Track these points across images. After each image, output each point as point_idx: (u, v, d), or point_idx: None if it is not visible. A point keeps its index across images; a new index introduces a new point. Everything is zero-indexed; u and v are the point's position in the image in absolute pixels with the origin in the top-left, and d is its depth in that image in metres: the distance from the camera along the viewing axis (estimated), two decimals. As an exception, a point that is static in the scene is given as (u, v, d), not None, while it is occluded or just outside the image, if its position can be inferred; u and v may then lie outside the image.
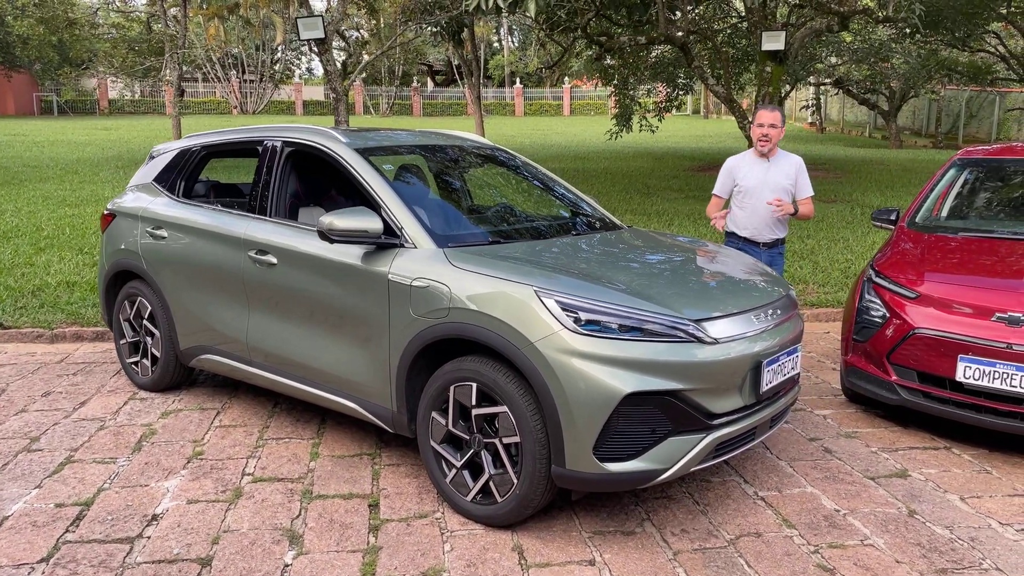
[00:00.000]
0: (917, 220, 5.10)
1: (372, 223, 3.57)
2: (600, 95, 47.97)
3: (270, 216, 4.25)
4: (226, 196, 5.14)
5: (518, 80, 54.06)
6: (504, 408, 3.21)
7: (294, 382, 4.12)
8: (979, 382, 4.00)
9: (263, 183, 4.34)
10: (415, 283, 3.47)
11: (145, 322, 4.97)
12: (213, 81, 50.15)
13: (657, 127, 20.40)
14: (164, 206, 4.85)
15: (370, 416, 3.79)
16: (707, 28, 13.76)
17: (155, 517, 3.44)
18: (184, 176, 4.94)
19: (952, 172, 5.44)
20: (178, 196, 4.88)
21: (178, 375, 4.95)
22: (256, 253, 4.15)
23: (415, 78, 55.20)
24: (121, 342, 5.21)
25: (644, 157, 22.25)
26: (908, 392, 4.32)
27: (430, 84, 59.53)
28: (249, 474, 3.87)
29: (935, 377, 4.19)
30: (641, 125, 19.85)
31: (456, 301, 3.32)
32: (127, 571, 3.02)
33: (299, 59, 59.50)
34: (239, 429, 4.44)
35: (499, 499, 3.30)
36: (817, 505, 3.62)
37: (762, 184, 4.93)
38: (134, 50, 23.23)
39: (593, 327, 3.08)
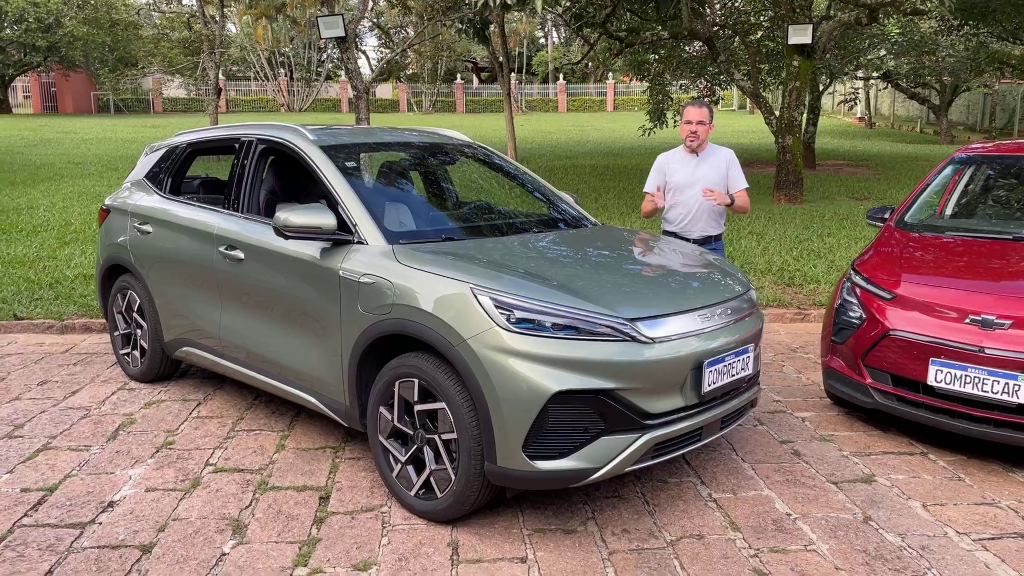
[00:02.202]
0: (906, 219, 4.96)
1: (326, 219, 3.62)
2: (644, 91, 47.56)
3: (242, 212, 4.34)
4: (214, 192, 5.25)
5: (561, 76, 53.87)
6: (443, 404, 3.23)
7: (261, 376, 4.20)
8: (950, 386, 3.88)
9: (237, 179, 4.43)
10: (363, 279, 3.51)
11: (135, 315, 5.12)
12: (262, 80, 51.13)
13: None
14: (150, 202, 4.98)
15: (326, 410, 3.85)
16: (734, 22, 13.53)
17: (111, 504, 3.55)
18: (171, 173, 5.06)
19: (949, 169, 5.28)
20: (165, 192, 5.01)
21: (165, 367, 5.08)
22: (226, 248, 4.24)
23: (459, 75, 55.43)
24: (115, 334, 5.37)
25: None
26: (882, 396, 4.21)
27: (475, 81, 59.74)
28: (212, 464, 3.96)
29: (909, 381, 4.08)
30: (675, 121, 19.60)
31: (398, 298, 3.35)
32: (71, 555, 3.13)
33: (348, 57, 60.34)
34: (214, 420, 4.54)
35: (439, 495, 3.32)
36: (769, 509, 3.56)
37: (691, 180, 4.88)
38: (185, 48, 23.78)
39: (526, 325, 3.08)
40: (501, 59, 18.82)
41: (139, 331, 5.10)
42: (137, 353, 5.16)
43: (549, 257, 3.70)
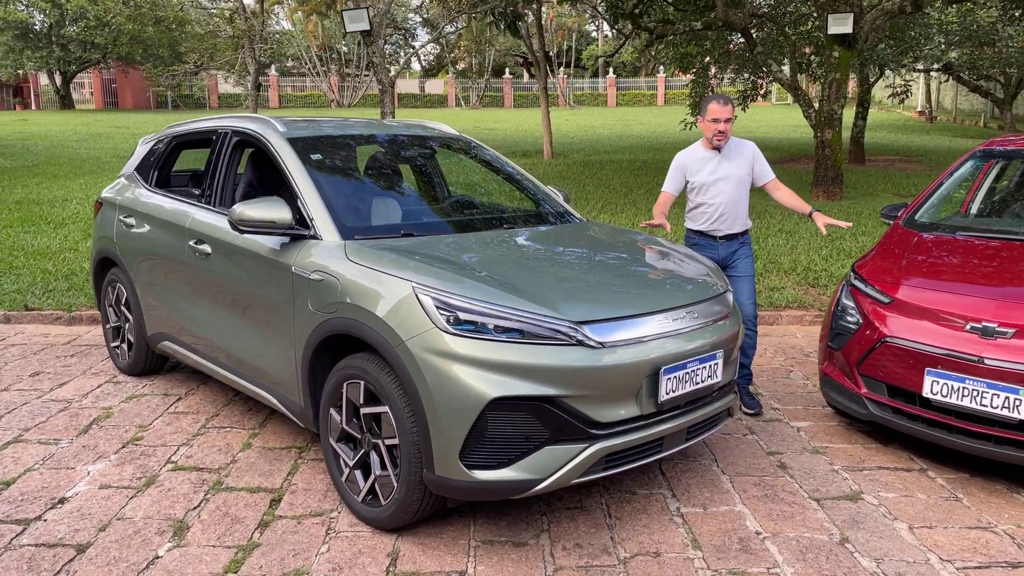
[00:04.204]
0: (916, 217, 4.62)
1: (281, 213, 3.51)
2: (687, 84, 46.75)
3: (216, 206, 4.26)
4: (198, 186, 5.21)
5: (611, 70, 53.29)
6: (386, 408, 3.09)
7: (228, 372, 4.13)
8: (947, 399, 3.58)
9: (211, 173, 4.37)
10: (312, 276, 3.39)
11: (122, 308, 5.11)
12: (315, 76, 51.77)
13: (735, 116, 19.57)
14: (135, 195, 4.96)
15: (284, 410, 3.75)
16: (772, 11, 13.07)
17: (62, 500, 3.50)
18: (157, 166, 5.03)
19: (970, 164, 4.92)
20: (152, 185, 4.98)
21: (152, 360, 5.06)
22: (195, 242, 4.17)
23: (508, 70, 55.29)
24: (107, 327, 5.38)
25: (724, 148, 21.43)
26: (877, 407, 3.92)
27: (525, 76, 59.50)
28: (172, 462, 3.90)
29: (905, 392, 3.79)
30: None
31: (344, 296, 3.22)
32: (6, 553, 3.08)
33: (399, 52, 60.78)
34: (188, 416, 4.49)
35: (383, 502, 3.18)
36: (738, 526, 3.33)
37: (714, 177, 4.55)
38: (230, 43, 24.16)
39: (467, 327, 2.91)
40: (538, 53, 18.63)
41: (126, 324, 5.09)
42: (125, 346, 5.16)
43: (508, 256, 3.52)
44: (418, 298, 2.98)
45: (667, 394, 3.09)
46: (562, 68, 55.10)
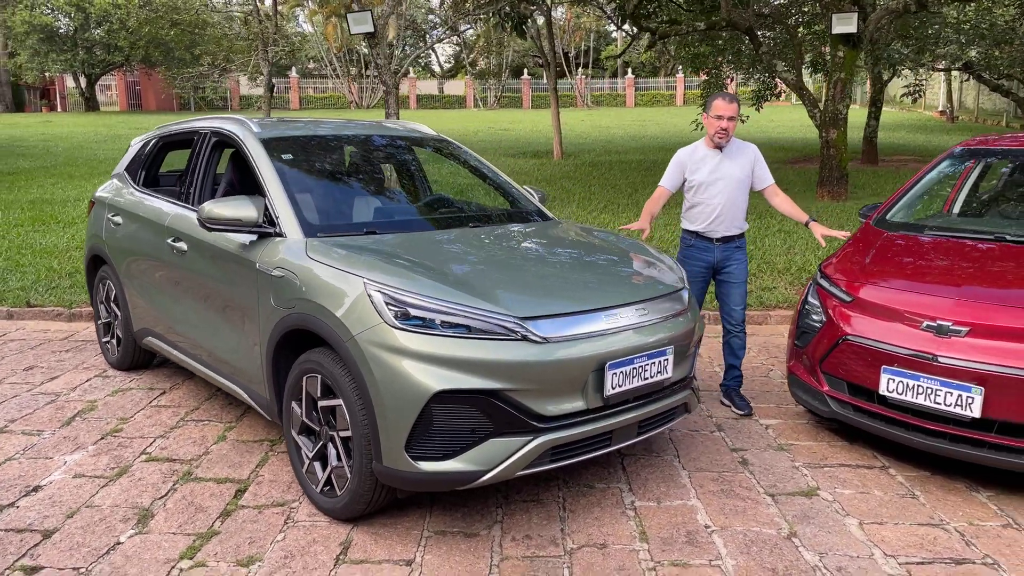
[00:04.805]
0: (888, 217, 4.63)
1: (247, 212, 3.61)
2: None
3: (194, 205, 4.38)
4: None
5: (630, 70, 53.18)
6: (340, 401, 3.17)
7: (203, 367, 4.25)
8: (903, 397, 3.60)
9: (191, 172, 4.49)
10: (274, 272, 3.49)
11: (112, 304, 5.25)
12: (334, 77, 52.19)
13: (747, 117, 19.50)
14: (123, 194, 5.10)
15: (253, 403, 3.85)
16: (776, 11, 13.02)
17: (36, 488, 3.63)
18: (144, 166, 5.17)
19: (946, 164, 4.92)
20: (139, 185, 5.11)
21: (140, 356, 5.20)
22: (173, 240, 4.29)
23: (526, 71, 55.33)
24: (98, 322, 5.53)
25: (736, 149, 21.36)
26: (839, 405, 3.95)
27: (544, 76, 59.52)
28: (147, 453, 4.01)
29: (865, 389, 3.81)
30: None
31: (301, 292, 3.32)
32: (-23, 537, 3.21)
33: (423, 54, 61.12)
34: (169, 410, 4.61)
35: (338, 492, 3.27)
36: (688, 520, 3.38)
37: (715, 177, 4.55)
38: (251, 45, 24.45)
39: (415, 322, 2.99)
40: (548, 54, 18.69)
41: (115, 321, 5.23)
42: (115, 342, 5.29)
43: (465, 253, 3.59)
44: (368, 294, 3.06)
45: (613, 389, 3.15)
46: (580, 69, 55.07)
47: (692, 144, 4.72)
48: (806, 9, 14.81)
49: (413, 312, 3.00)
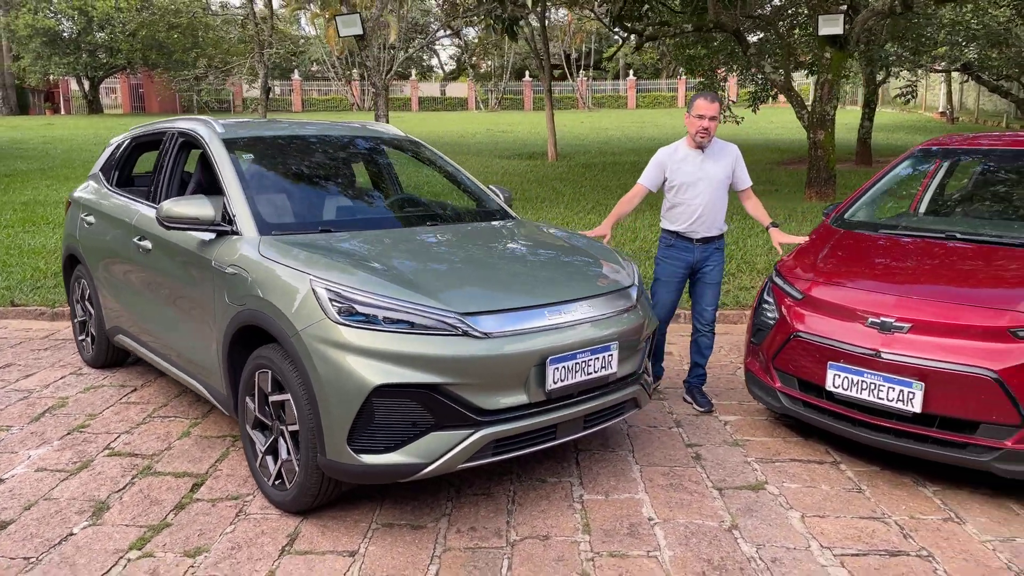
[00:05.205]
0: (845, 216, 4.68)
1: (204, 210, 3.68)
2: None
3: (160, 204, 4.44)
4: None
5: (632, 72, 53.22)
6: (288, 396, 3.24)
7: (167, 363, 4.32)
8: (848, 392, 3.65)
9: (158, 172, 4.56)
10: (228, 270, 3.56)
11: (86, 303, 5.33)
12: (336, 80, 52.34)
13: (742, 118, 19.57)
14: (95, 194, 5.18)
15: (213, 399, 3.91)
16: (764, 14, 13.05)
17: (-2, 482, 3.71)
18: (117, 166, 5.25)
19: (907, 163, 4.96)
20: (112, 185, 5.19)
21: (113, 353, 5.27)
22: (139, 239, 4.37)
23: (528, 73, 55.41)
24: (74, 321, 5.61)
25: (732, 150, 21.40)
26: (790, 400, 4.00)
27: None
28: (110, 448, 4.09)
29: (814, 385, 3.86)
30: (725, 117, 19.08)
31: (252, 288, 3.39)
32: (-66, 528, 3.28)
33: (423, 57, 61.29)
34: (138, 407, 4.68)
35: (287, 486, 3.34)
36: (633, 512, 3.43)
37: (696, 178, 4.56)
38: (246, 48, 24.58)
39: (358, 318, 3.06)
40: (542, 56, 18.77)
41: (90, 319, 5.31)
42: (89, 340, 5.37)
43: (415, 250, 3.65)
44: (313, 290, 3.13)
45: (555, 383, 3.20)
46: (582, 71, 55.12)
47: (673, 143, 4.73)
48: (790, 12, 14.84)
49: (356, 308, 3.07)
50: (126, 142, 5.29)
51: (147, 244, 4.28)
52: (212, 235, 3.78)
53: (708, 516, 3.41)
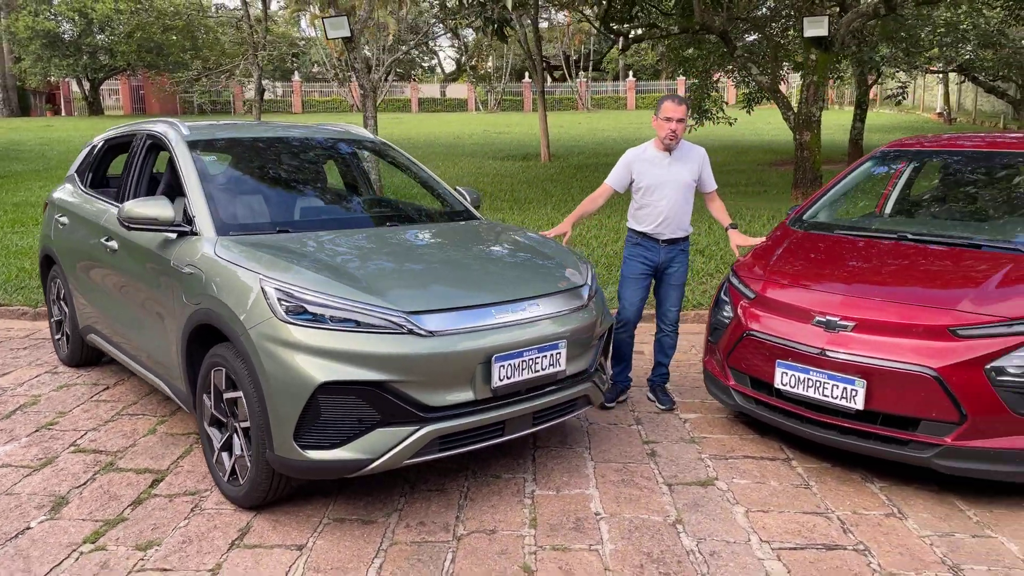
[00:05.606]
0: (804, 217, 4.74)
1: (163, 211, 3.75)
2: (717, 87, 46.54)
3: (128, 205, 4.52)
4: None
5: (631, 74, 53.28)
6: (240, 393, 3.31)
7: (133, 362, 4.40)
8: (795, 390, 3.72)
9: (127, 173, 4.64)
10: (185, 269, 3.63)
11: (62, 302, 5.41)
12: (336, 82, 52.44)
13: (735, 120, 19.63)
14: (69, 195, 5.26)
15: (175, 397, 3.98)
16: (751, 16, 13.10)
17: (-38, 478, 3.78)
18: (91, 167, 5.33)
19: (868, 165, 5.02)
20: (86, 186, 5.27)
21: (87, 352, 5.34)
22: (106, 240, 4.44)
23: (527, 74, 55.48)
24: (51, 320, 5.69)
25: (727, 151, 21.55)
26: (742, 398, 4.07)
27: (549, 80, 59.61)
28: (76, 445, 4.16)
29: (765, 383, 3.92)
30: (717, 118, 19.16)
31: (207, 288, 3.46)
32: None
33: (423, 58, 61.36)
34: (107, 404, 4.76)
35: (240, 481, 3.40)
36: (581, 507, 3.50)
37: (663, 180, 4.60)
38: (239, 49, 24.66)
39: (305, 317, 3.12)
40: (535, 58, 18.84)
41: (65, 318, 5.38)
42: (64, 339, 5.45)
43: (370, 251, 3.72)
44: (263, 289, 3.20)
45: (501, 381, 3.27)
46: (582, 72, 55.19)
47: (642, 145, 4.76)
48: (783, 14, 14.90)
49: (301, 306, 3.14)
50: (99, 144, 5.36)
51: (114, 244, 4.35)
52: (174, 235, 3.86)
53: (655, 511, 3.47)
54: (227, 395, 3.43)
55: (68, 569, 3.02)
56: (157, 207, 3.75)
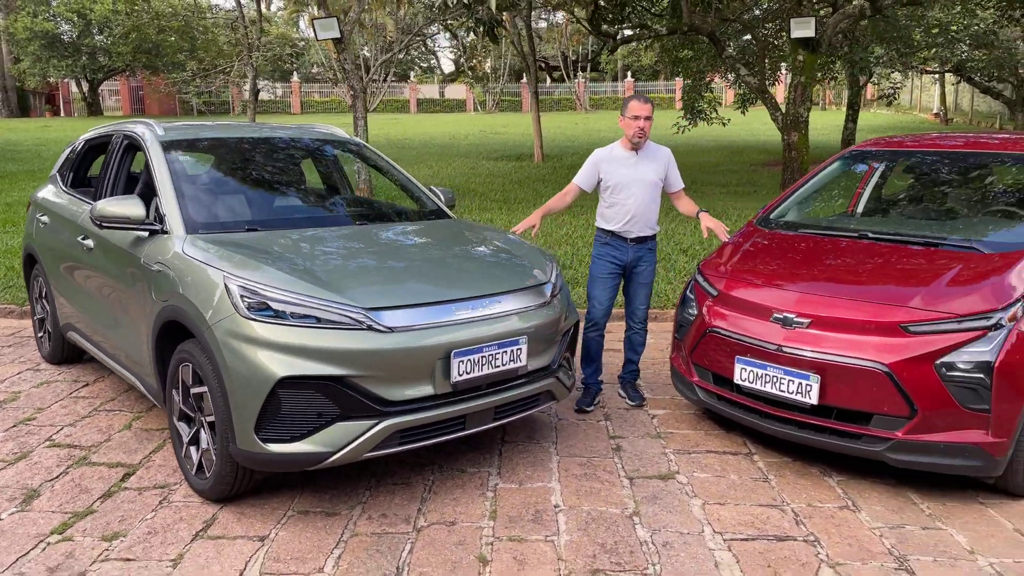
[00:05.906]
0: (771, 216, 4.81)
1: (135, 210, 3.82)
2: (712, 87, 46.60)
3: (106, 205, 4.59)
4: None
5: (629, 74, 53.35)
6: (206, 388, 3.38)
7: (108, 359, 4.47)
8: (753, 385, 3.79)
9: (104, 173, 4.71)
10: (154, 267, 3.71)
11: (44, 300, 5.48)
12: (335, 83, 52.48)
13: (728, 120, 19.71)
14: (50, 195, 5.33)
15: (147, 392, 4.06)
16: (739, 17, 13.17)
17: (-63, 472, 3.85)
18: (71, 167, 5.40)
19: (836, 166, 5.09)
20: (66, 186, 5.34)
21: (68, 349, 5.41)
22: (82, 238, 4.52)
23: (526, 75, 55.56)
24: (34, 318, 5.76)
25: (720, 151, 21.63)
26: (705, 394, 4.14)
27: (548, 80, 59.67)
28: (51, 440, 4.23)
29: (726, 379, 3.99)
30: (711, 119, 19.23)
31: (174, 285, 3.53)
32: None
33: (424, 58, 61.47)
34: (86, 401, 4.83)
35: (207, 474, 3.48)
36: (541, 500, 3.57)
37: (630, 179, 4.67)
38: (234, 50, 24.72)
39: (267, 313, 3.20)
40: (528, 59, 18.92)
41: (47, 316, 5.46)
42: (46, 337, 5.53)
43: (335, 249, 3.80)
44: (226, 286, 3.27)
45: (460, 376, 3.34)
46: (580, 72, 55.24)
47: (609, 145, 4.84)
48: (774, 17, 14.97)
49: (262, 302, 3.21)
50: (80, 145, 5.44)
51: (90, 243, 4.43)
52: (145, 234, 3.93)
53: (612, 504, 3.54)
54: (194, 390, 3.50)
55: (34, 558, 3.09)
56: (128, 206, 3.82)
